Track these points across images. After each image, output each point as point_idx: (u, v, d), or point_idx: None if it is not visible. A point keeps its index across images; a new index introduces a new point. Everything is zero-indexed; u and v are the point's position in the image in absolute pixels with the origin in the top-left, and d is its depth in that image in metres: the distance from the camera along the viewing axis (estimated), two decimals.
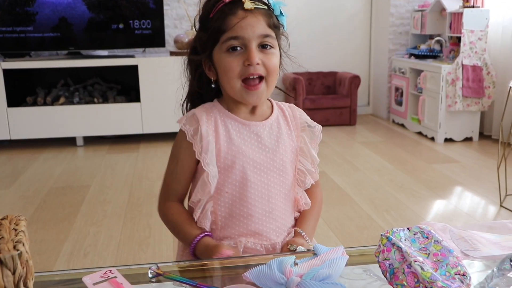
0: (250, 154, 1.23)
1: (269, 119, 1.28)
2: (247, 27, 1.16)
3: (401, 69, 5.34)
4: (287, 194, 1.29)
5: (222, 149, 1.22)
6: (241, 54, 1.18)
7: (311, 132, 1.33)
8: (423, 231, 0.95)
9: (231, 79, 1.18)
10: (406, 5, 5.58)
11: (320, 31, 5.86)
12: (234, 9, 1.18)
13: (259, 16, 1.19)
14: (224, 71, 1.19)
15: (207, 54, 1.23)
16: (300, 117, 1.33)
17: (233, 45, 1.17)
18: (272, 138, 1.26)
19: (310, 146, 1.31)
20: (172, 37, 5.09)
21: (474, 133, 4.76)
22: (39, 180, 3.72)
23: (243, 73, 1.18)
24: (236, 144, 1.23)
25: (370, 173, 3.81)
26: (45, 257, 2.51)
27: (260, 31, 1.18)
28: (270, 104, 1.33)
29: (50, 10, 4.61)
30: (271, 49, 1.20)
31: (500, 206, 3.12)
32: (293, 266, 0.92)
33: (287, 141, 1.28)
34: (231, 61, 1.17)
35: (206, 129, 1.21)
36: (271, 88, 1.23)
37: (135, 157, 4.32)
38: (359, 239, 2.68)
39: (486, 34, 4.49)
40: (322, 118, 5.41)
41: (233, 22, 1.17)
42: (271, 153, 1.25)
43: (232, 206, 1.24)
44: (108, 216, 3.04)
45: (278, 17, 1.24)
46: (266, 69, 1.19)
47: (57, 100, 4.68)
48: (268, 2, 1.24)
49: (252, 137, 1.25)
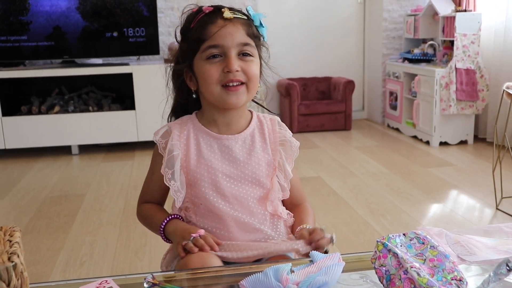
0: (219, 167, 1.25)
1: (243, 132, 1.30)
2: (226, 36, 1.19)
3: (395, 74, 5.35)
4: (264, 206, 1.29)
5: (191, 162, 1.24)
6: (221, 61, 1.20)
7: (289, 148, 1.33)
8: (419, 236, 0.95)
9: (210, 84, 1.21)
10: (399, 10, 5.60)
11: (314, 36, 5.87)
12: (214, 19, 1.21)
13: (238, 25, 1.21)
14: (203, 78, 1.21)
15: (188, 64, 1.25)
16: (279, 131, 1.34)
17: (213, 53, 1.20)
18: (244, 151, 1.28)
19: (285, 161, 1.31)
20: (166, 44, 5.09)
21: (469, 136, 4.77)
22: (34, 190, 3.71)
23: (222, 79, 1.20)
24: (205, 157, 1.25)
25: (365, 177, 3.81)
26: (40, 267, 2.50)
27: (239, 40, 1.20)
28: (250, 117, 1.34)
29: (44, 19, 4.61)
30: (251, 57, 1.23)
31: (496, 209, 3.13)
32: (290, 274, 0.92)
33: (261, 154, 1.29)
34: (210, 68, 1.20)
35: (175, 143, 1.25)
36: (251, 94, 1.25)
37: (130, 165, 4.31)
38: (355, 244, 2.68)
39: (479, 38, 4.51)
40: (317, 123, 5.42)
41: (212, 30, 1.19)
42: (242, 166, 1.26)
43: (207, 218, 1.26)
44: (103, 224, 3.03)
45: (258, 28, 1.26)
46: (246, 76, 1.21)
47: (52, 108, 4.67)
48: (248, 13, 1.26)
49: (223, 150, 1.27)
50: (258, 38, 1.26)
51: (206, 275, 1.07)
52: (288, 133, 1.35)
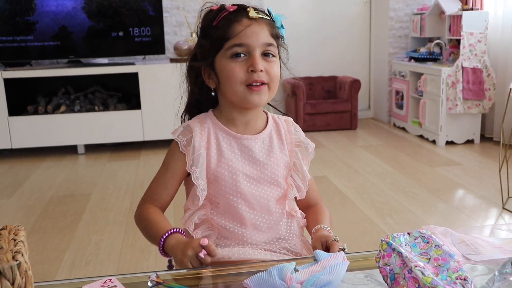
0: (240, 167, 1.24)
1: (262, 133, 1.29)
2: (251, 35, 1.19)
3: (401, 73, 5.34)
4: (281, 206, 1.29)
5: (212, 161, 1.24)
6: (245, 60, 1.19)
7: (304, 149, 1.33)
8: (423, 235, 0.95)
9: (234, 84, 1.20)
10: (405, 9, 5.58)
11: (319, 35, 5.87)
12: (239, 17, 1.20)
13: (263, 25, 1.22)
14: (227, 77, 1.20)
15: (209, 62, 1.24)
16: (294, 133, 1.34)
17: (237, 51, 1.19)
18: (263, 152, 1.28)
19: (302, 162, 1.32)
20: (172, 44, 5.10)
21: (476, 135, 4.75)
22: (40, 189, 3.72)
23: (246, 79, 1.19)
24: (226, 156, 1.24)
25: (371, 177, 3.80)
26: (46, 266, 2.51)
27: (264, 40, 1.20)
28: (266, 117, 1.34)
29: (50, 19, 4.62)
30: (273, 57, 1.23)
31: (503, 208, 3.11)
32: (294, 273, 0.92)
33: (279, 155, 1.29)
34: (235, 66, 1.19)
35: (199, 140, 1.23)
36: (272, 94, 1.25)
37: (136, 165, 4.32)
38: (361, 244, 2.67)
39: (486, 36, 4.49)
40: (323, 122, 5.41)
41: (238, 29, 1.19)
42: (261, 166, 1.26)
43: (225, 217, 1.25)
44: (109, 224, 3.04)
45: (279, 29, 1.27)
46: (268, 76, 1.21)
47: (58, 108, 4.69)
48: (270, 14, 1.26)
49: (243, 150, 1.26)
50: (279, 39, 1.26)
51: (211, 274, 1.07)
52: (302, 134, 1.36)
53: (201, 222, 1.27)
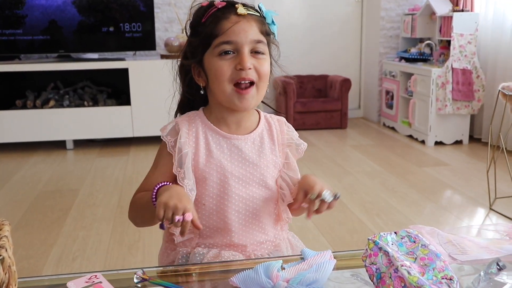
0: (229, 168, 1.22)
1: (253, 133, 1.27)
2: (240, 32, 1.16)
3: (391, 73, 5.35)
4: (270, 208, 1.27)
5: (200, 161, 1.21)
6: (233, 58, 1.16)
7: (295, 149, 1.31)
8: (410, 235, 0.95)
9: (222, 82, 1.17)
10: (396, 9, 5.60)
11: (311, 34, 5.87)
12: (227, 14, 1.17)
13: (252, 21, 1.18)
14: (215, 75, 1.18)
15: (198, 60, 1.21)
16: (287, 133, 1.32)
17: (225, 49, 1.16)
18: (253, 152, 1.25)
19: (294, 162, 1.30)
20: (163, 40, 5.08)
21: (464, 136, 4.78)
22: (28, 184, 3.70)
23: (234, 77, 1.16)
24: (215, 157, 1.22)
25: (361, 176, 3.81)
26: (33, 262, 2.49)
27: (253, 37, 1.17)
28: (258, 116, 1.31)
29: (39, 12, 4.59)
30: (263, 55, 1.20)
31: (490, 209, 3.13)
32: (280, 271, 0.92)
33: (270, 156, 1.27)
34: (223, 64, 1.16)
35: (184, 141, 1.20)
36: (261, 94, 1.22)
37: (125, 160, 4.30)
38: (349, 243, 2.68)
39: (476, 38, 4.52)
40: (313, 121, 5.42)
41: (226, 26, 1.16)
42: (251, 167, 1.24)
43: (210, 219, 1.23)
44: (97, 220, 3.02)
45: (270, 26, 1.24)
46: (257, 74, 1.18)
47: (47, 103, 4.66)
48: (261, 10, 1.23)
49: (233, 151, 1.24)
50: (269, 35, 1.23)
51: (197, 271, 1.07)
52: (295, 134, 1.33)
53: None
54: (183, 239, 1.25)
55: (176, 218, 1.01)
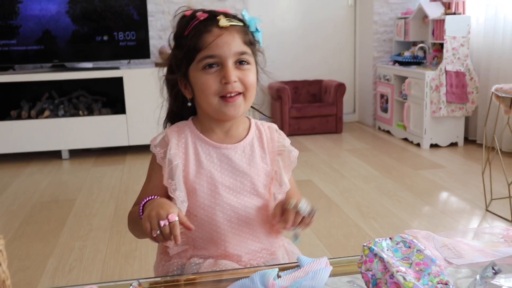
0: (219, 178, 1.21)
1: (243, 141, 1.26)
2: (223, 45, 1.15)
3: (385, 76, 5.37)
4: (263, 216, 1.26)
5: (190, 172, 1.20)
6: (218, 71, 1.16)
7: (287, 157, 1.30)
8: (405, 240, 0.95)
9: (208, 96, 1.17)
10: (389, 13, 5.62)
11: (304, 39, 5.88)
12: (209, 27, 1.16)
13: (235, 33, 1.17)
14: (201, 89, 1.17)
15: (183, 73, 1.21)
16: (278, 140, 1.30)
17: (209, 63, 1.16)
18: (244, 161, 1.24)
19: (283, 171, 1.28)
20: (157, 48, 5.09)
21: (459, 138, 4.79)
22: (23, 194, 3.69)
23: (220, 90, 1.16)
24: (204, 167, 1.21)
25: (356, 180, 3.81)
26: (29, 273, 2.48)
27: (236, 49, 1.16)
28: (248, 124, 1.30)
29: (33, 23, 4.59)
30: (248, 65, 1.19)
31: (486, 211, 3.14)
32: (276, 279, 0.92)
33: (260, 164, 1.26)
34: (208, 79, 1.16)
35: (174, 152, 1.20)
36: (248, 103, 1.21)
37: (121, 170, 4.30)
38: (346, 248, 2.68)
39: (468, 40, 4.54)
40: (308, 126, 5.42)
41: (208, 40, 1.15)
42: (241, 176, 1.23)
43: (202, 230, 1.22)
44: (94, 229, 3.02)
45: (254, 34, 1.23)
46: (243, 86, 1.17)
47: (41, 113, 4.65)
48: (244, 19, 1.22)
49: (223, 160, 1.23)
50: (254, 44, 1.22)
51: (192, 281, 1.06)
52: (287, 141, 1.32)
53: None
54: (177, 251, 1.25)
55: (162, 223, 1.02)
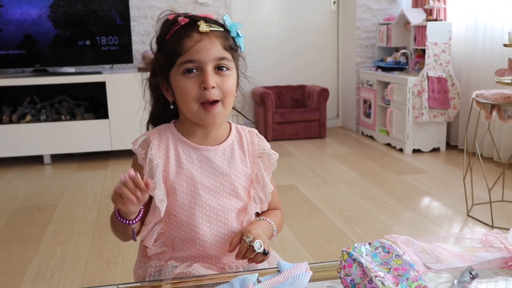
0: (199, 178, 1.23)
1: (223, 144, 1.28)
2: (202, 50, 1.17)
3: (368, 82, 5.40)
4: (241, 218, 1.28)
5: (170, 172, 1.22)
6: (197, 76, 1.18)
7: (267, 160, 1.32)
8: (384, 245, 0.96)
9: (188, 101, 1.19)
10: (371, 19, 5.66)
11: (288, 44, 5.90)
12: (190, 32, 1.18)
13: (215, 38, 1.19)
14: (181, 94, 1.19)
15: (164, 76, 1.23)
16: (258, 144, 1.32)
17: (188, 67, 1.17)
18: (223, 162, 1.26)
19: (264, 173, 1.30)
20: (140, 53, 5.07)
21: (441, 143, 4.83)
22: (4, 200, 3.65)
23: (200, 97, 1.18)
24: (185, 168, 1.23)
25: (339, 185, 3.83)
26: (9, 279, 2.45)
27: (216, 54, 1.18)
28: (229, 128, 1.32)
29: (14, 27, 4.55)
30: (227, 71, 1.20)
31: (467, 216, 3.17)
32: (256, 284, 0.92)
33: (240, 167, 1.28)
34: (188, 84, 1.18)
35: (155, 152, 1.21)
36: (227, 110, 1.23)
37: (104, 174, 4.27)
38: (328, 253, 2.69)
39: (450, 46, 4.59)
40: (292, 131, 5.44)
41: (188, 45, 1.17)
42: (221, 177, 1.25)
43: (181, 230, 1.23)
44: (76, 235, 2.99)
45: (235, 39, 1.24)
46: (221, 92, 1.19)
47: (23, 118, 4.61)
48: (225, 24, 1.24)
49: (203, 161, 1.25)
50: (235, 50, 1.24)
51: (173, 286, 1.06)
52: (266, 145, 1.34)
53: (158, 236, 1.25)
54: (156, 252, 1.25)
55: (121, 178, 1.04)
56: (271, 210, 1.36)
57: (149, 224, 1.24)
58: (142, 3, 5.15)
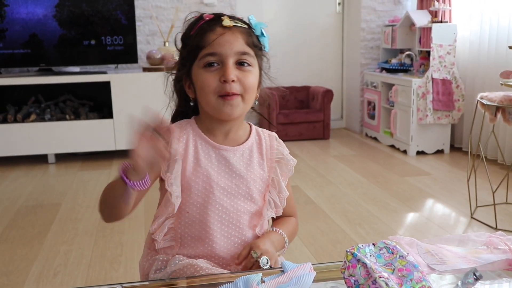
0: (215, 178, 1.22)
1: (242, 145, 1.27)
2: (224, 44, 1.17)
3: (373, 83, 5.40)
4: (254, 222, 1.27)
5: (187, 169, 1.21)
6: (218, 70, 1.17)
7: (284, 165, 1.31)
8: (388, 246, 0.96)
9: (208, 94, 1.18)
10: (376, 20, 5.66)
11: (293, 45, 5.91)
12: (213, 26, 1.19)
13: (238, 33, 1.19)
14: (200, 87, 1.19)
15: (186, 71, 1.23)
16: (277, 148, 1.32)
17: (210, 61, 1.17)
18: (241, 164, 1.25)
19: (281, 179, 1.29)
20: (145, 53, 5.08)
21: (445, 145, 4.82)
22: (8, 199, 3.66)
23: (219, 90, 1.17)
24: (202, 165, 1.22)
25: (343, 186, 3.83)
26: (13, 278, 2.46)
27: (238, 48, 1.18)
28: (249, 129, 1.32)
29: (20, 26, 4.56)
30: (249, 67, 1.20)
31: (471, 218, 3.16)
32: (260, 284, 0.92)
33: (257, 170, 1.27)
34: (208, 76, 1.17)
35: (175, 147, 1.20)
36: (247, 105, 1.23)
37: (107, 174, 4.28)
38: (332, 254, 2.69)
39: (455, 48, 4.58)
40: (296, 132, 5.44)
41: (211, 38, 1.17)
42: (237, 179, 1.24)
43: (192, 227, 1.23)
44: (79, 234, 3.00)
45: (259, 38, 1.25)
46: (242, 87, 1.18)
47: (28, 117, 4.62)
48: (249, 22, 1.24)
49: (221, 161, 1.24)
50: (258, 47, 1.24)
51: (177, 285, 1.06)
52: (285, 150, 1.33)
53: (168, 231, 1.24)
54: (164, 245, 1.25)
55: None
56: (286, 218, 1.36)
57: (161, 218, 1.23)
58: (147, 3, 5.16)
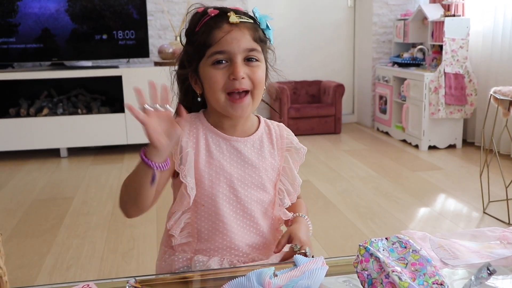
0: (228, 169, 1.23)
1: (253, 136, 1.28)
2: (232, 41, 1.16)
3: (384, 78, 5.37)
4: (267, 211, 1.29)
5: (200, 162, 1.21)
6: (226, 67, 1.17)
7: (295, 153, 1.32)
8: (401, 240, 0.96)
9: (216, 92, 1.18)
10: (388, 14, 5.62)
11: (304, 40, 5.89)
12: (220, 23, 1.17)
13: (245, 30, 1.18)
14: (209, 84, 1.19)
15: (193, 68, 1.22)
16: (287, 137, 1.33)
17: (218, 59, 1.17)
18: (253, 155, 1.26)
19: (293, 167, 1.31)
20: (156, 47, 5.09)
21: (458, 140, 4.80)
22: (21, 192, 3.69)
23: (228, 86, 1.17)
24: (215, 158, 1.23)
25: (354, 181, 3.82)
26: (26, 271, 2.48)
27: (246, 45, 1.17)
28: (258, 120, 1.32)
29: (32, 21, 4.59)
30: (257, 62, 1.20)
31: (483, 213, 3.14)
32: (272, 278, 0.92)
33: (269, 159, 1.28)
34: (216, 74, 1.17)
35: (186, 140, 1.21)
36: (257, 101, 1.23)
37: (119, 168, 4.30)
38: (343, 248, 2.68)
39: (467, 42, 4.54)
40: (307, 127, 5.43)
41: (218, 36, 1.16)
42: (250, 170, 1.25)
43: (208, 220, 1.23)
44: (91, 228, 3.02)
45: (265, 31, 1.24)
46: (251, 83, 1.18)
47: (40, 111, 4.65)
48: (254, 15, 1.24)
49: (232, 152, 1.25)
50: (264, 42, 1.23)
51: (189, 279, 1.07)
52: (295, 139, 1.34)
53: (184, 226, 1.25)
54: (180, 241, 1.25)
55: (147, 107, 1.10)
56: (297, 201, 1.37)
57: (177, 213, 1.24)
58: None
